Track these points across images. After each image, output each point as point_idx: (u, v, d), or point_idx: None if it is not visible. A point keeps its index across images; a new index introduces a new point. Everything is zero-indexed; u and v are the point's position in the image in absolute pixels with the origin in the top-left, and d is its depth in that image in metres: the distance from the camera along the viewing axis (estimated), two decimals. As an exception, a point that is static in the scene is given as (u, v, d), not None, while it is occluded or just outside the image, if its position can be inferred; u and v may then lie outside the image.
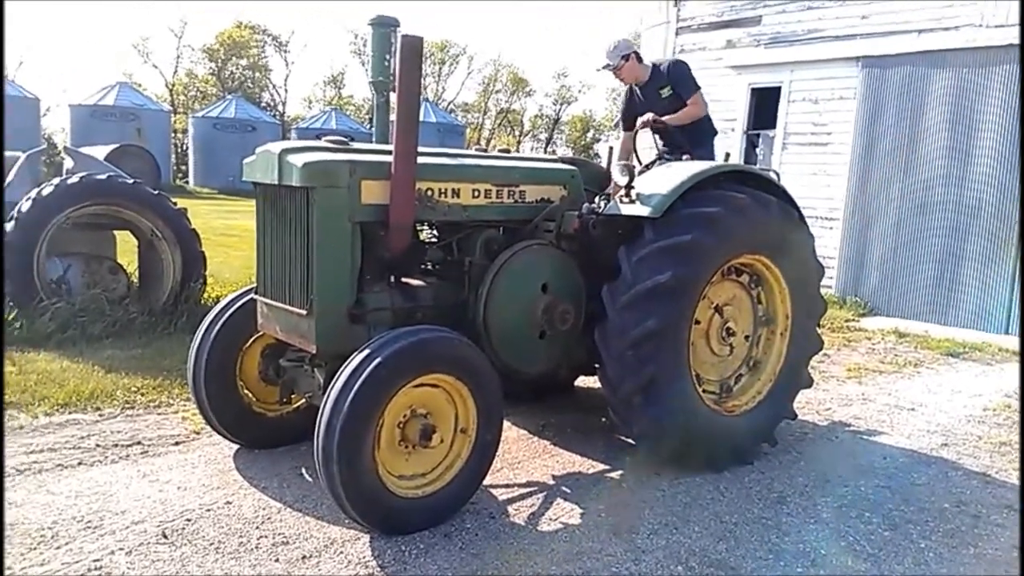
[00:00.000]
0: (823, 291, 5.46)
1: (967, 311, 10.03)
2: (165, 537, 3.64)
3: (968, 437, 5.82)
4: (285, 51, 59.27)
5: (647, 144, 6.52)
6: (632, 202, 4.64)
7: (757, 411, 5.04)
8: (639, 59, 6.05)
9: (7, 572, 3.27)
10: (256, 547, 3.61)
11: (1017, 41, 9.28)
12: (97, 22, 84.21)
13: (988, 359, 8.59)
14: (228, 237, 15.60)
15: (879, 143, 10.88)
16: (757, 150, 12.86)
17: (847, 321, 10.24)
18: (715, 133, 6.30)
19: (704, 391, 4.87)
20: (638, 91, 6.20)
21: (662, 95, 6.03)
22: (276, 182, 4.01)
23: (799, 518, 4.25)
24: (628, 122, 6.23)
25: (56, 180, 7.33)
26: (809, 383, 5.43)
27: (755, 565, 3.70)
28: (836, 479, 4.84)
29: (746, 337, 5.15)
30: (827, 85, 11.49)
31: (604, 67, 6.01)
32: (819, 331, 5.43)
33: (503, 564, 3.56)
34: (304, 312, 3.98)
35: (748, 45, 12.39)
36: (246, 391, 4.69)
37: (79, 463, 4.46)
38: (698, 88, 6.01)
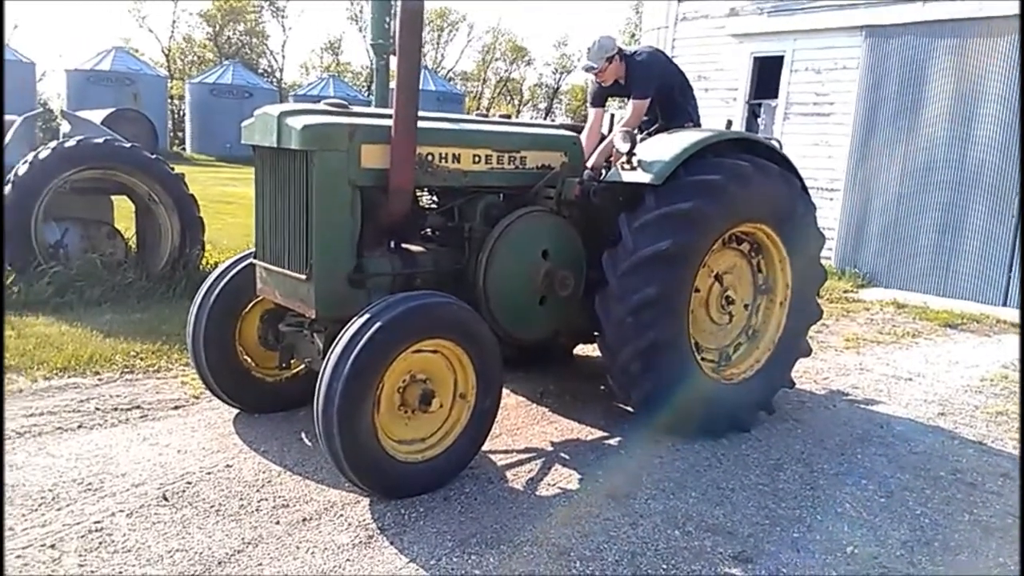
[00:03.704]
0: (822, 262, 5.45)
1: (966, 282, 10.02)
2: (166, 499, 3.66)
3: (965, 407, 5.85)
4: (282, 16, 58.59)
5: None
6: (633, 169, 4.62)
7: (755, 379, 5.05)
8: (622, 58, 5.46)
9: (8, 533, 3.29)
10: (257, 510, 3.63)
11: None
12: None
13: (986, 330, 8.61)
14: (226, 204, 15.52)
15: (881, 113, 10.80)
16: (759, 120, 12.77)
17: (846, 292, 10.25)
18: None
19: (703, 359, 4.88)
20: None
21: None
22: (275, 145, 3.98)
23: (796, 484, 4.28)
24: (597, 100, 5.82)
25: (53, 144, 7.28)
26: (807, 352, 5.45)
27: (751, 530, 3.73)
28: (833, 447, 4.87)
29: (745, 306, 5.15)
30: (830, 55, 11.38)
31: (587, 69, 5.46)
32: (818, 301, 5.43)
33: (501, 528, 3.58)
34: (303, 277, 3.96)
35: (751, 13, 12.25)
36: (245, 356, 4.69)
37: (79, 426, 4.47)
38: (645, 96, 5.37)
